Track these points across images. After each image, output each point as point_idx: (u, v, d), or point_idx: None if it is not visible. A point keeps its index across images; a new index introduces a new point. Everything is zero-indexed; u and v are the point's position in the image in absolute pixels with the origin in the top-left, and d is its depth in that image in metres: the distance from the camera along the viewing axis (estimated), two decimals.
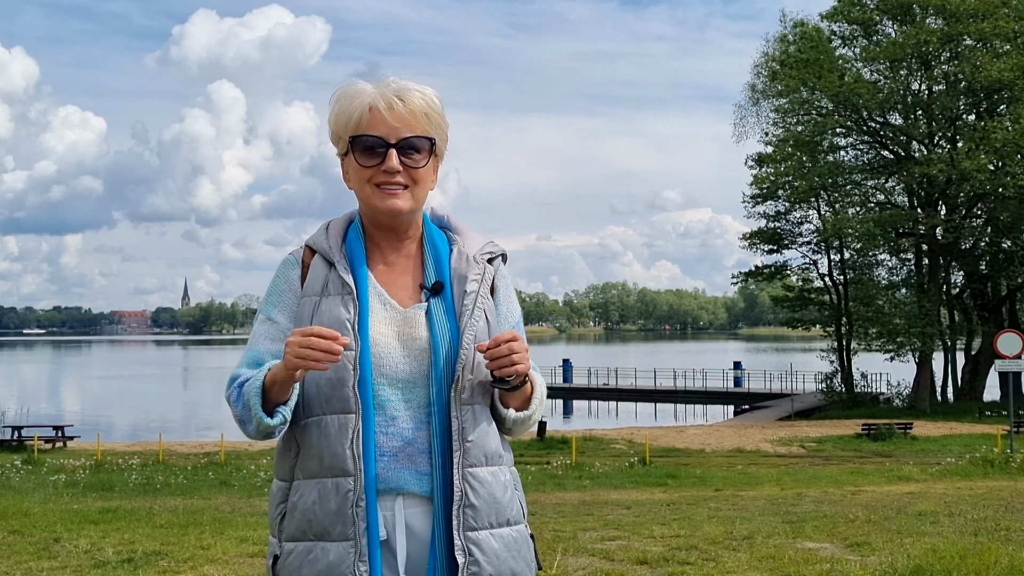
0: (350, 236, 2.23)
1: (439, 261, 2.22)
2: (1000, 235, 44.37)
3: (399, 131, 2.14)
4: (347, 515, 2.04)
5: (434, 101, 2.19)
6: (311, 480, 2.09)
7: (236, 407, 2.12)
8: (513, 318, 2.29)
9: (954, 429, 34.29)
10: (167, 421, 44.63)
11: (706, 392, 54.92)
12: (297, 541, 2.08)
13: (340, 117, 2.19)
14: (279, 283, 2.24)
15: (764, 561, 7.47)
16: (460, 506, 2.08)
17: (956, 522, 10.01)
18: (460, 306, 2.17)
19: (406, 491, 2.09)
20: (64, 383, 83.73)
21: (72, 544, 8.67)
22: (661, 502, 13.81)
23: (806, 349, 79.35)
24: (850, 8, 45.09)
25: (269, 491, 2.23)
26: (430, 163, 2.20)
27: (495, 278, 2.27)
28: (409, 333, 2.14)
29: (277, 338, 2.17)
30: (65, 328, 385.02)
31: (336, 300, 2.14)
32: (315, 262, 2.22)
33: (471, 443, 2.11)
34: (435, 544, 2.08)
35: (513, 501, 2.18)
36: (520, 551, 2.16)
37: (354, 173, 2.19)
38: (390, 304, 2.17)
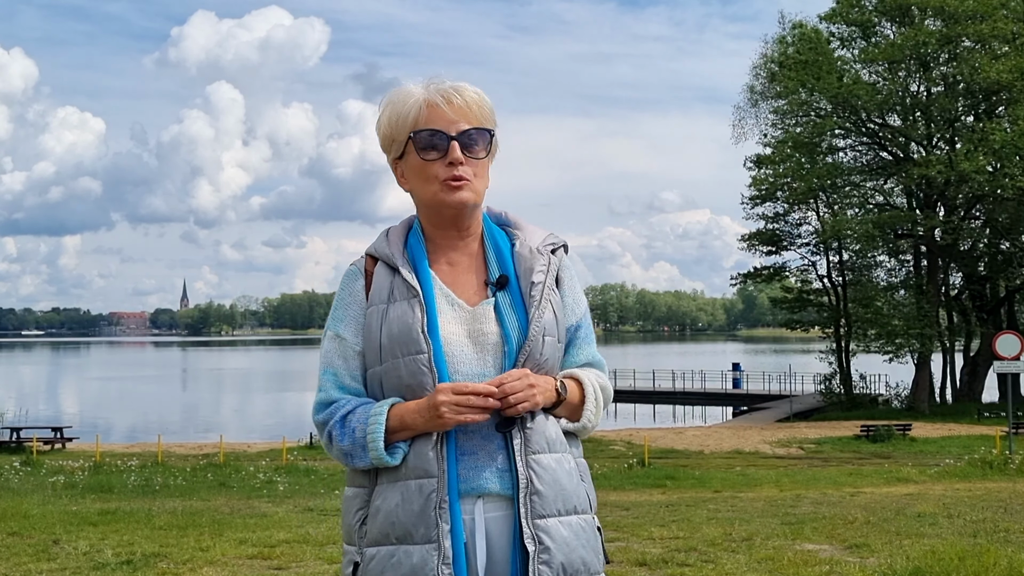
0: (411, 240, 2.22)
1: (501, 255, 2.21)
2: (999, 236, 44.41)
3: (459, 123, 2.13)
4: (430, 517, 2.01)
5: (486, 98, 2.19)
6: (394, 483, 2.07)
7: (342, 441, 2.11)
8: (580, 309, 2.28)
9: (953, 430, 34.30)
10: (166, 422, 44.58)
11: (705, 393, 54.96)
12: (379, 546, 2.06)
13: (394, 118, 2.17)
14: (344, 296, 2.22)
15: (763, 563, 7.47)
16: (527, 493, 2.04)
17: (955, 523, 10.01)
18: (528, 298, 2.15)
19: (487, 492, 2.06)
20: (63, 384, 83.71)
21: (71, 546, 8.67)
22: (660, 503, 13.81)
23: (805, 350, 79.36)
24: (849, 9, 45.11)
25: (342, 500, 2.22)
26: (488, 157, 2.20)
27: (560, 269, 2.25)
28: (479, 330, 2.13)
29: (348, 355, 2.17)
30: (64, 329, 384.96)
31: (403, 305, 2.12)
32: (378, 270, 2.20)
33: (531, 430, 2.08)
34: (516, 543, 2.05)
35: (579, 489, 2.15)
36: (589, 540, 2.12)
37: (415, 171, 2.18)
38: (457, 303, 2.16)
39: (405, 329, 2.09)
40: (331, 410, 2.15)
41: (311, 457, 26.34)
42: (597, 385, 2.24)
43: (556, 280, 2.23)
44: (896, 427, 32.46)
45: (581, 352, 2.27)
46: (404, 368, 2.09)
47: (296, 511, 13.04)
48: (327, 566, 7.51)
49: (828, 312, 48.19)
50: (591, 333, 2.31)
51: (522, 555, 2.03)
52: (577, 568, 2.07)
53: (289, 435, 29.54)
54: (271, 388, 74.01)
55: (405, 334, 2.08)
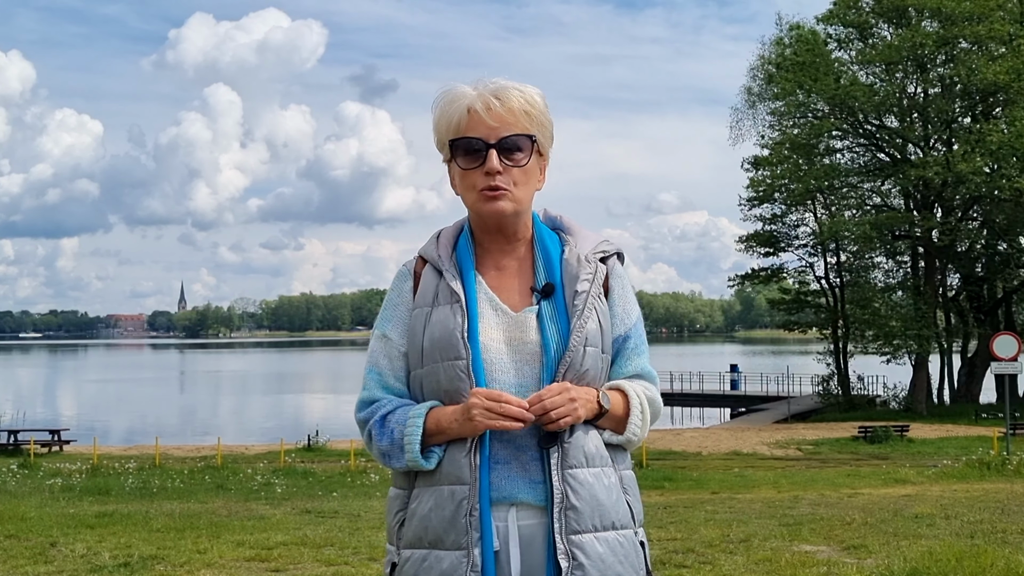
0: (460, 243, 2.20)
1: (549, 262, 2.18)
2: (996, 237, 44.46)
3: (498, 131, 2.10)
4: (460, 524, 2.01)
5: (535, 99, 2.15)
6: (430, 488, 2.07)
7: (381, 441, 2.11)
8: (630, 319, 2.24)
9: (950, 431, 34.34)
10: (163, 425, 44.58)
11: (703, 395, 54.92)
12: (414, 549, 2.07)
13: (441, 122, 2.15)
14: (393, 297, 2.22)
15: (761, 564, 7.48)
16: (561, 508, 2.02)
17: (952, 524, 10.02)
18: (571, 306, 2.12)
19: (520, 501, 2.05)
20: (60, 387, 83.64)
21: (68, 548, 8.66)
22: (658, 505, 13.80)
23: (803, 352, 79.34)
24: (846, 11, 45.16)
25: (387, 499, 2.22)
26: (532, 161, 2.15)
27: (609, 278, 2.22)
28: (520, 337, 2.11)
29: (394, 355, 2.17)
30: (61, 332, 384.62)
31: (446, 310, 2.11)
32: (426, 272, 2.19)
33: (569, 444, 2.06)
34: (551, 554, 2.03)
35: (619, 504, 2.10)
36: (628, 556, 2.08)
37: (458, 178, 2.16)
38: (501, 309, 2.13)
39: (446, 334, 2.08)
40: (372, 409, 2.15)
41: (309, 459, 26.33)
42: (644, 397, 2.20)
43: (606, 289, 2.20)
44: (894, 428, 32.49)
45: (630, 363, 2.23)
46: (443, 373, 2.08)
47: (294, 513, 13.03)
48: (325, 568, 7.51)
49: (826, 313, 48.22)
50: (642, 344, 2.26)
51: (556, 570, 2.01)
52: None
53: (287, 437, 29.52)
54: (269, 390, 73.98)
55: (446, 339, 2.07)
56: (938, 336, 44.22)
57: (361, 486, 19.64)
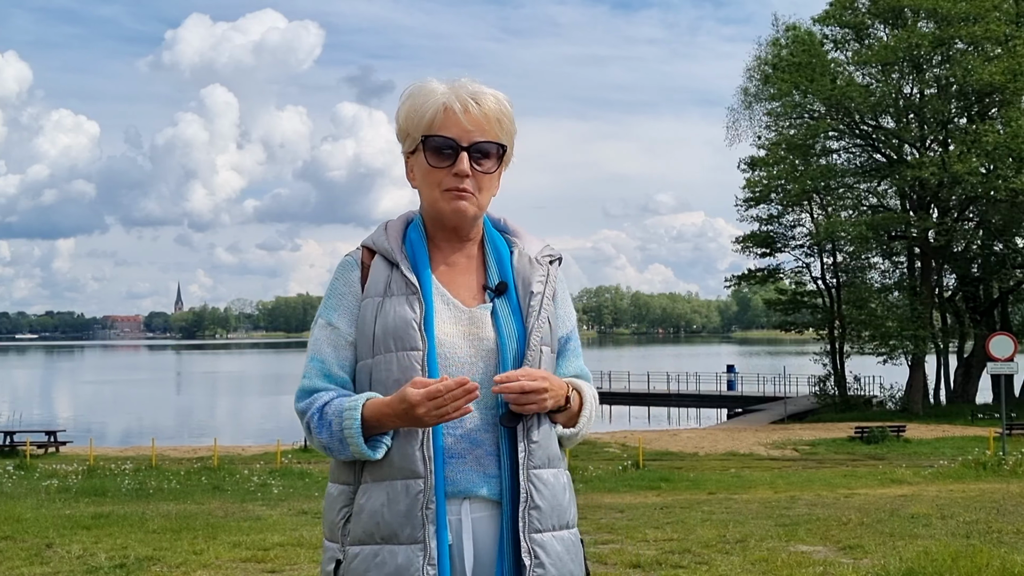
0: (411, 236, 2.21)
1: (501, 262, 2.22)
2: (992, 238, 44.47)
3: (472, 135, 2.13)
4: (416, 517, 2.01)
5: (507, 107, 2.18)
6: (380, 483, 2.06)
7: (320, 434, 2.09)
8: (571, 322, 2.30)
9: (947, 432, 34.34)
10: (160, 426, 44.52)
11: (699, 395, 54.96)
12: (363, 544, 2.05)
13: (412, 114, 2.16)
14: (338, 286, 2.20)
15: (757, 564, 7.48)
16: (526, 507, 2.06)
17: (948, 524, 10.03)
18: (526, 307, 2.16)
19: (473, 495, 2.07)
20: (57, 388, 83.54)
21: (64, 550, 8.65)
22: (654, 505, 13.81)
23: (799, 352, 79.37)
24: (842, 12, 45.18)
25: (325, 496, 2.21)
26: (497, 170, 2.20)
27: (555, 282, 2.26)
28: (476, 333, 2.13)
29: (340, 344, 2.15)
30: (58, 333, 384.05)
31: (401, 300, 2.12)
32: (375, 263, 2.19)
33: (536, 444, 2.09)
34: (503, 548, 2.06)
35: (571, 504, 2.18)
36: (577, 555, 2.15)
37: (422, 173, 2.18)
38: (454, 304, 2.15)
39: (402, 324, 2.08)
40: (311, 400, 2.13)
41: (305, 460, 26.31)
42: (593, 396, 2.26)
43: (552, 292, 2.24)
44: (890, 428, 32.50)
45: (570, 364, 2.28)
46: (396, 363, 2.08)
47: (290, 514, 13.03)
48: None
49: (822, 314, 48.26)
50: (579, 346, 2.33)
51: (514, 566, 2.04)
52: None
53: (283, 438, 29.47)
54: (265, 391, 73.86)
55: (402, 329, 2.08)
56: (934, 336, 44.26)
57: None
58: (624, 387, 57.70)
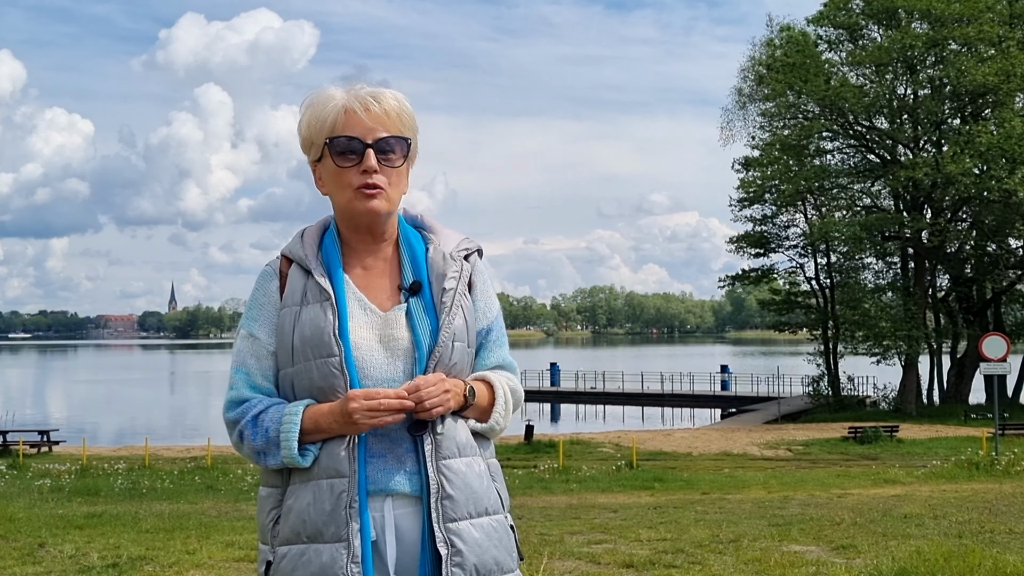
0: (326, 242, 2.24)
1: (416, 261, 2.24)
2: (985, 239, 44.56)
3: (375, 131, 2.16)
4: (340, 516, 2.05)
5: (407, 105, 2.22)
6: (306, 483, 2.10)
7: (255, 440, 2.13)
8: (492, 313, 2.30)
9: (940, 432, 34.40)
10: (153, 426, 44.48)
11: (693, 395, 54.99)
12: (291, 544, 2.09)
13: (313, 122, 2.19)
14: (258, 296, 2.24)
15: (750, 564, 7.49)
16: (438, 498, 2.09)
17: (941, 524, 10.06)
18: (439, 303, 2.18)
19: (395, 492, 2.10)
20: (50, 387, 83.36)
21: (57, 549, 8.64)
22: (648, 505, 13.82)
23: (793, 352, 79.48)
24: (836, 12, 45.23)
25: (258, 499, 2.24)
26: (405, 164, 2.22)
27: (472, 274, 2.28)
28: (390, 335, 2.16)
29: (261, 355, 2.19)
30: (51, 332, 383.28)
31: (316, 308, 2.15)
32: (292, 272, 2.22)
33: (441, 435, 2.12)
34: (425, 541, 2.09)
35: (490, 491, 2.19)
36: (502, 540, 2.16)
37: (331, 176, 2.20)
38: (370, 308, 2.18)
39: (317, 332, 2.12)
40: (243, 409, 2.16)
41: None
42: (507, 388, 2.27)
43: (469, 285, 2.26)
44: (883, 429, 32.54)
45: (492, 355, 2.29)
46: (316, 371, 2.11)
47: None
48: None
49: (816, 314, 48.31)
50: (503, 336, 2.33)
51: (433, 557, 2.07)
52: (490, 568, 2.12)
53: None
54: None
55: (317, 337, 2.11)
56: (928, 337, 44.31)
57: None
58: (618, 387, 57.73)
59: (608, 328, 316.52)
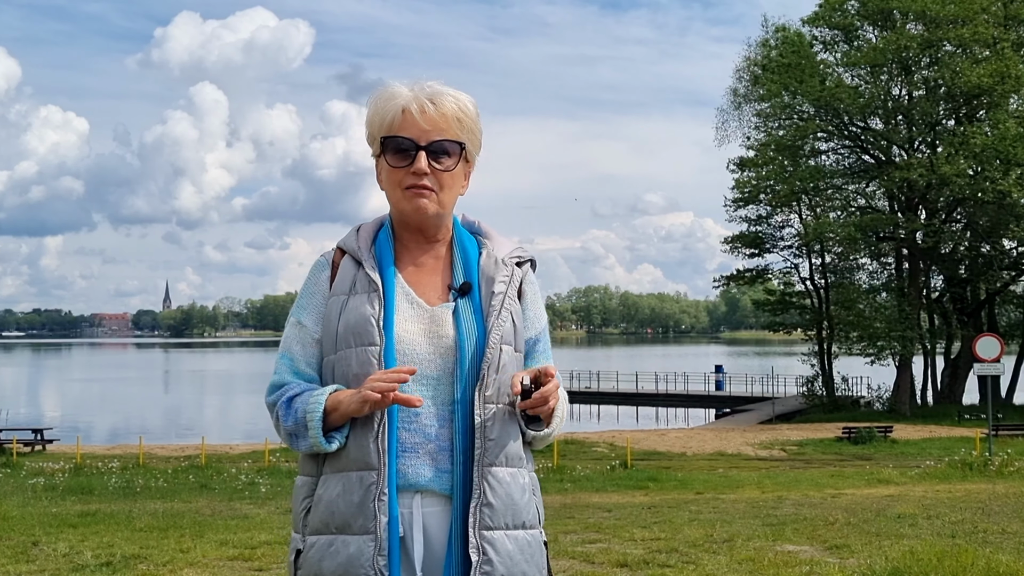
0: (380, 237, 2.27)
1: (468, 263, 2.25)
2: (979, 240, 44.62)
3: (429, 134, 2.17)
4: (369, 508, 2.05)
5: (467, 107, 2.22)
6: (337, 474, 2.11)
7: (286, 422, 2.15)
8: (540, 323, 2.32)
9: (933, 432, 34.47)
10: (147, 424, 44.39)
11: (688, 395, 55.04)
12: (320, 534, 2.10)
13: (375, 118, 2.22)
14: (309, 285, 2.27)
15: (744, 564, 7.50)
16: (478, 504, 2.09)
17: (934, 524, 10.08)
18: (487, 306, 2.19)
19: (425, 489, 2.10)
20: (44, 386, 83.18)
21: (50, 547, 8.63)
22: (642, 505, 13.84)
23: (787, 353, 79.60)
24: (831, 13, 45.32)
25: (294, 487, 2.25)
26: (459, 168, 2.23)
27: (523, 282, 2.30)
28: (436, 331, 2.16)
29: (307, 342, 2.22)
30: (45, 331, 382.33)
31: (363, 298, 2.17)
32: (344, 262, 2.25)
33: (492, 441, 2.12)
34: (452, 543, 2.09)
35: (530, 505, 2.18)
36: (533, 556, 2.16)
37: (385, 174, 2.23)
38: (417, 303, 2.19)
39: (361, 320, 2.14)
40: (280, 392, 2.20)
41: (293, 459, 26.24)
42: (564, 397, 2.29)
43: (519, 293, 2.27)
44: (877, 429, 32.60)
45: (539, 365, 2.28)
46: (355, 358, 2.13)
47: (278, 513, 13.01)
48: None
49: (810, 314, 48.38)
50: (549, 348, 2.35)
51: (461, 561, 2.07)
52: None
53: (271, 437, 29.40)
54: (253, 390, 73.56)
55: (361, 325, 2.13)
56: (922, 337, 44.41)
57: None
58: (612, 387, 57.76)
59: (603, 328, 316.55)
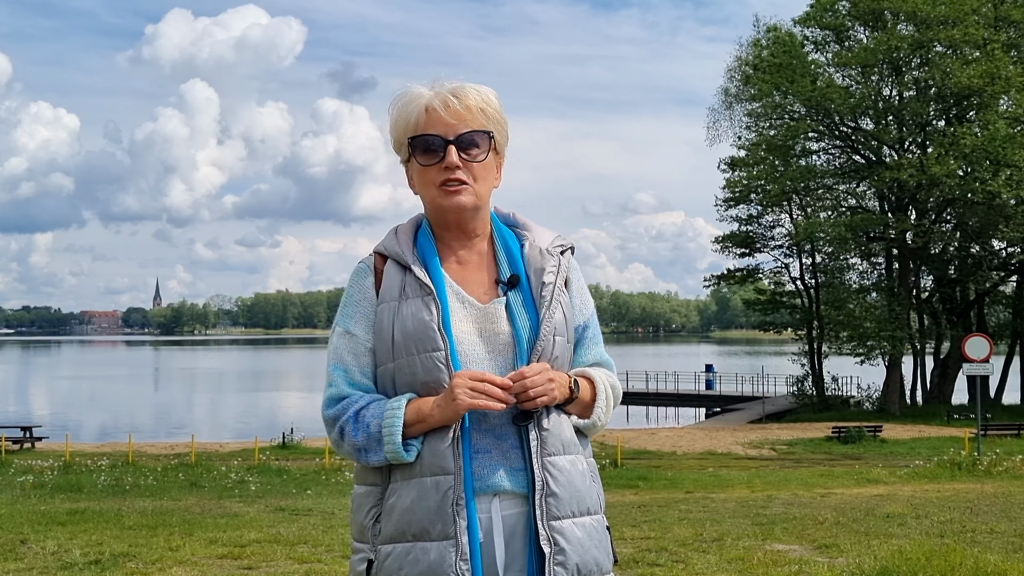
0: (420, 238, 2.23)
1: (511, 256, 2.23)
2: (969, 240, 44.79)
3: (456, 127, 2.15)
4: (447, 513, 2.02)
5: (490, 98, 2.20)
6: (409, 480, 2.07)
7: (356, 436, 2.10)
8: (588, 310, 2.31)
9: (923, 432, 34.58)
10: (137, 422, 44.27)
11: (678, 394, 55.08)
12: (395, 543, 2.06)
13: (399, 123, 2.20)
14: (354, 293, 2.22)
15: (733, 563, 7.51)
16: (542, 495, 2.06)
17: (923, 524, 10.11)
18: (538, 297, 2.17)
19: (502, 490, 2.07)
20: (33, 383, 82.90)
21: (39, 545, 8.60)
22: (632, 504, 13.85)
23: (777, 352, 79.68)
24: (822, 14, 45.43)
25: (353, 497, 2.21)
26: (490, 158, 2.21)
27: (569, 270, 2.28)
28: (491, 329, 2.14)
29: (359, 351, 2.17)
30: (34, 328, 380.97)
31: (417, 302, 2.13)
32: (388, 267, 2.20)
33: (547, 432, 2.10)
34: (532, 540, 2.07)
35: (592, 490, 2.17)
36: (601, 541, 2.15)
37: (417, 175, 2.20)
38: (468, 301, 2.17)
39: (421, 326, 2.10)
40: (343, 405, 2.14)
41: (283, 457, 26.23)
42: (608, 384, 2.26)
43: (565, 281, 2.25)
44: (867, 429, 32.70)
45: (589, 352, 2.29)
46: (420, 365, 2.09)
47: (267, 511, 12.99)
48: (298, 566, 7.48)
49: (801, 314, 48.47)
50: (599, 334, 2.33)
51: (538, 555, 2.05)
52: (591, 568, 2.10)
53: (261, 435, 29.41)
54: (244, 388, 73.59)
55: (421, 331, 2.09)
56: (911, 337, 44.53)
57: (335, 484, 19.59)
58: None
59: None
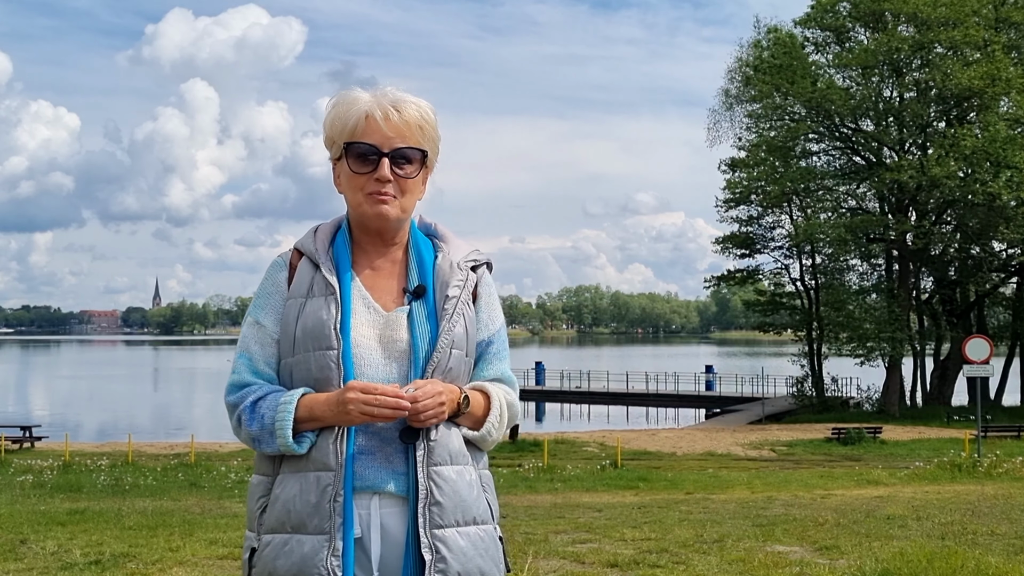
0: (337, 240, 2.28)
1: (423, 267, 2.27)
2: (969, 241, 44.74)
3: (393, 141, 2.19)
4: (324, 509, 2.07)
5: (428, 114, 2.25)
6: (295, 474, 2.12)
7: (251, 426, 2.16)
8: (494, 325, 2.33)
9: (923, 433, 34.57)
10: (137, 422, 44.26)
11: (678, 395, 55.00)
12: (275, 533, 2.11)
13: (336, 122, 2.23)
14: (267, 286, 2.28)
15: (734, 564, 7.50)
16: (426, 504, 2.10)
17: (924, 526, 10.10)
18: (441, 310, 2.21)
19: (383, 490, 2.11)
20: (32, 383, 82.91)
21: (39, 546, 8.59)
22: (632, 505, 13.84)
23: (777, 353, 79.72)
24: (823, 15, 45.43)
25: (249, 486, 2.27)
26: (420, 174, 2.25)
27: (478, 285, 2.32)
28: (390, 336, 2.19)
29: (265, 342, 2.23)
30: (34, 327, 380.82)
31: (320, 301, 2.18)
32: (302, 265, 2.27)
33: (435, 443, 2.14)
34: (409, 543, 2.10)
35: (480, 500, 2.20)
36: (488, 551, 2.17)
37: (346, 179, 2.24)
38: (373, 307, 2.21)
39: (318, 324, 2.15)
40: (242, 393, 2.20)
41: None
42: (504, 400, 2.29)
43: (473, 296, 2.29)
44: (867, 430, 32.69)
45: (491, 367, 2.32)
46: (314, 362, 2.15)
47: None
48: None
49: (800, 315, 48.44)
50: (504, 350, 2.36)
51: (417, 562, 2.09)
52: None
53: None
54: None
55: (318, 329, 2.15)
56: (911, 339, 44.52)
57: None
58: (603, 387, 57.72)
59: (593, 327, 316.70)
